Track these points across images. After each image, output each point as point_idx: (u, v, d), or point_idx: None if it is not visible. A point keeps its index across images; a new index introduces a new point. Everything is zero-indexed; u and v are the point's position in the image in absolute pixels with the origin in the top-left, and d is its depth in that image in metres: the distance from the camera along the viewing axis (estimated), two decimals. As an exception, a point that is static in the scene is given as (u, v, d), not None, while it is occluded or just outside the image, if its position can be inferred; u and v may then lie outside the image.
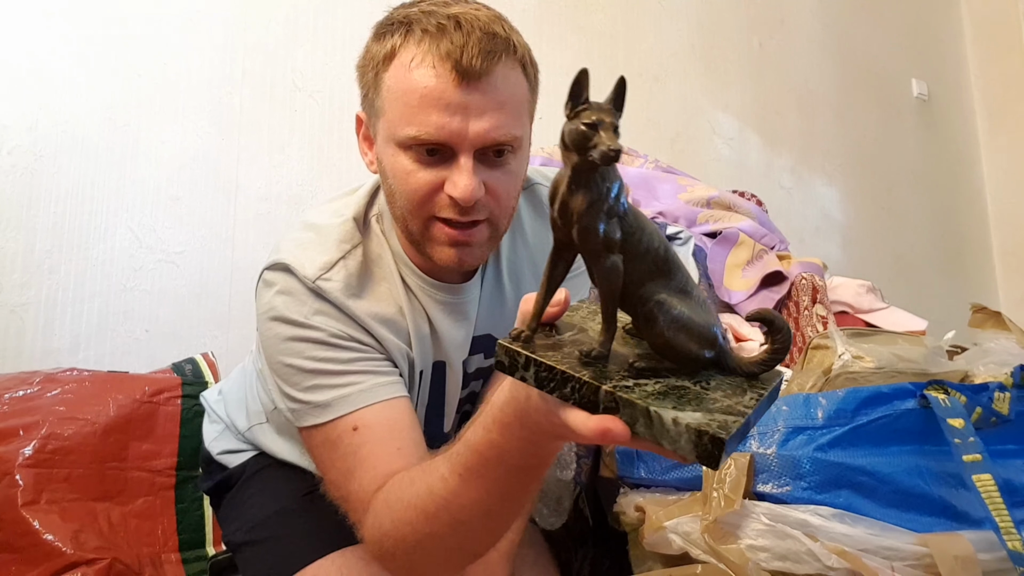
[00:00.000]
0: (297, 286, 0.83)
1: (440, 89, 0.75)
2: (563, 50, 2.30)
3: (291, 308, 0.82)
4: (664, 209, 1.73)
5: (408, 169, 0.79)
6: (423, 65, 0.76)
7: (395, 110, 0.78)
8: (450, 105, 0.76)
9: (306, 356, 0.81)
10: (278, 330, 0.82)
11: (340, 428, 0.80)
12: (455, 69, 0.75)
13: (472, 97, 0.76)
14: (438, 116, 0.76)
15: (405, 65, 0.77)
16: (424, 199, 0.80)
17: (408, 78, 0.77)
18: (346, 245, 0.86)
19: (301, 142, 1.86)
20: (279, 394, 0.85)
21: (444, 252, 0.82)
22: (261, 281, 0.87)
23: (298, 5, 1.91)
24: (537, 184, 0.99)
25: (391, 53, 0.79)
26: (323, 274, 0.83)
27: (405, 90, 0.77)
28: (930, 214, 3.21)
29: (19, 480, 1.19)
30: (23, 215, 1.56)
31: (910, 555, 0.79)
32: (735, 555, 0.85)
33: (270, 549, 0.95)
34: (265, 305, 0.84)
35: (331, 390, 0.81)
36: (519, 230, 0.98)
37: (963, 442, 0.83)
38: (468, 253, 0.83)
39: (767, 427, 0.92)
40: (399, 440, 0.79)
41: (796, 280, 1.54)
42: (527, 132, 0.85)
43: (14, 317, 1.53)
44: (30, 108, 1.59)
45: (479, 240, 0.82)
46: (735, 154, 2.66)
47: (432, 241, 0.82)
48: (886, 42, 3.20)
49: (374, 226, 0.91)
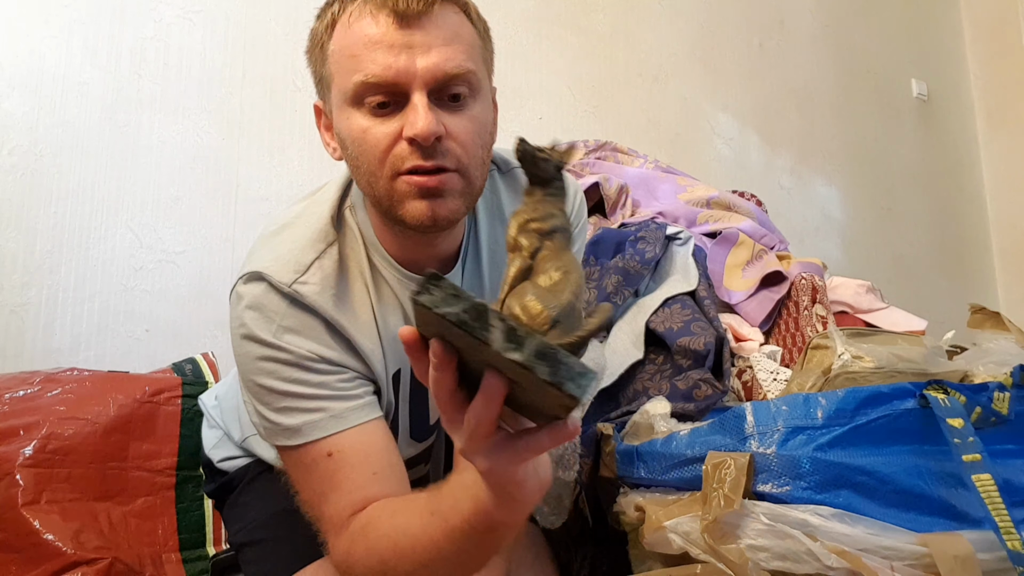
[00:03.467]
0: (270, 297, 0.80)
1: (381, 33, 0.75)
2: (563, 50, 2.30)
3: (260, 326, 0.79)
4: (664, 209, 1.73)
5: (364, 126, 0.77)
6: (361, 18, 0.76)
7: (341, 68, 0.77)
8: (393, 45, 0.74)
9: (277, 376, 0.79)
10: (248, 348, 0.80)
11: (313, 453, 0.79)
12: (394, 11, 0.74)
13: (415, 36, 0.75)
14: (383, 56, 0.74)
15: (345, 25, 0.77)
16: (384, 153, 0.76)
17: (350, 33, 0.77)
18: (320, 244, 0.84)
19: (301, 142, 1.87)
20: (253, 411, 0.83)
21: (415, 207, 0.77)
22: (233, 294, 0.84)
23: (298, 5, 1.91)
24: (517, 168, 0.96)
25: (332, 22, 0.79)
26: (299, 277, 0.81)
27: (348, 44, 0.77)
28: (930, 214, 3.21)
29: (19, 480, 1.19)
30: (23, 215, 1.56)
31: (910, 555, 0.79)
32: (735, 555, 0.85)
33: (271, 549, 0.96)
34: (236, 321, 0.82)
35: (302, 414, 0.79)
36: (498, 216, 0.95)
37: (963, 442, 0.83)
38: (441, 205, 0.77)
39: (767, 427, 0.92)
40: (374, 465, 0.79)
41: (796, 280, 1.54)
42: (484, 77, 0.82)
43: (14, 317, 1.53)
44: (30, 108, 1.59)
45: (450, 188, 0.77)
46: (735, 154, 2.66)
47: (402, 199, 0.77)
48: (886, 42, 3.20)
49: (348, 219, 0.88)
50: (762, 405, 0.95)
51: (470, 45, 0.79)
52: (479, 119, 0.80)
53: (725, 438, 0.95)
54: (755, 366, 1.36)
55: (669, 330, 1.33)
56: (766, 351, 1.44)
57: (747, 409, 0.95)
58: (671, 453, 0.99)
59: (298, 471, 0.82)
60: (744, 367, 1.38)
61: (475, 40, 0.80)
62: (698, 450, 0.96)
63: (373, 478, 0.78)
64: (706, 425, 1.01)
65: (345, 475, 0.78)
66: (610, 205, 1.68)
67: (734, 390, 1.34)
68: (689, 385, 1.24)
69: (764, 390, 1.31)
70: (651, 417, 1.11)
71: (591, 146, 1.92)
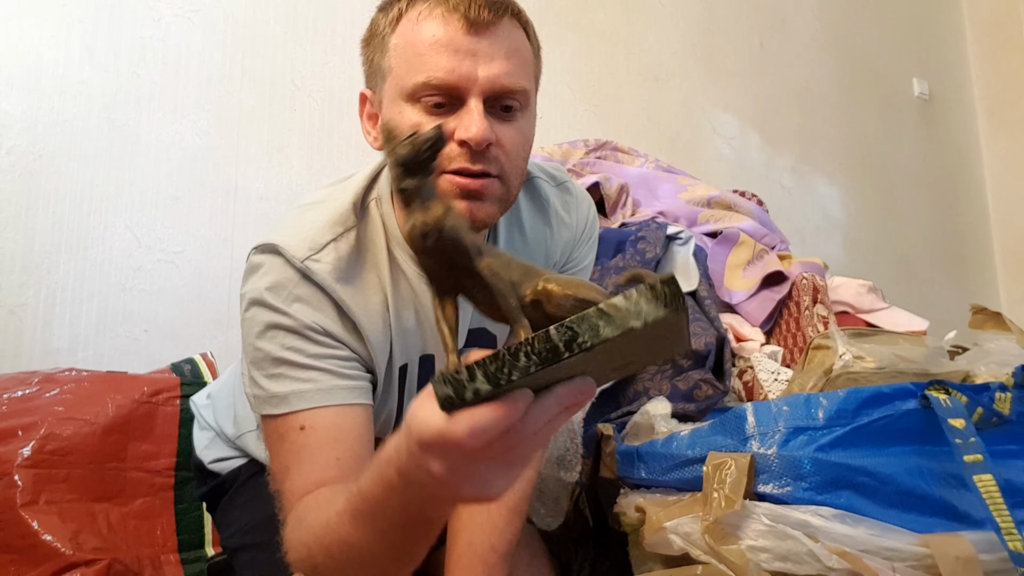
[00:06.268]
0: (283, 269, 0.82)
1: (449, 36, 0.77)
2: (563, 50, 2.30)
3: (272, 293, 0.81)
4: (664, 209, 1.72)
5: (416, 122, 0.78)
6: (431, 17, 0.78)
7: (403, 63, 0.79)
8: (459, 50, 0.77)
9: (277, 342, 0.80)
10: (256, 314, 0.82)
11: (290, 423, 0.79)
12: (464, 17, 0.77)
13: (481, 44, 0.77)
14: (448, 60, 0.76)
15: (412, 20, 0.79)
16: None
17: (416, 30, 0.78)
18: (339, 228, 0.85)
19: (300, 142, 1.86)
20: (248, 379, 0.84)
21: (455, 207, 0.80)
22: (248, 263, 0.85)
23: (298, 5, 1.91)
24: (537, 179, 0.98)
25: (397, 16, 0.81)
26: (312, 255, 0.82)
27: (413, 42, 0.78)
28: (931, 214, 3.21)
29: (18, 481, 1.18)
30: (22, 215, 1.56)
31: (911, 556, 0.79)
32: (736, 556, 0.84)
33: (265, 552, 0.95)
34: (249, 287, 0.83)
35: (291, 382, 0.80)
36: (517, 223, 0.96)
37: (964, 442, 0.83)
38: (479, 208, 0.80)
39: (768, 427, 0.91)
40: (341, 450, 0.78)
41: (797, 280, 1.54)
42: (534, 94, 0.85)
43: (13, 317, 1.53)
44: (28, 107, 1.59)
45: (491, 193, 0.80)
46: (736, 154, 2.66)
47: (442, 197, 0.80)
48: (887, 42, 3.20)
49: (372, 210, 0.89)
50: (763, 406, 0.94)
51: (527, 62, 0.82)
52: (525, 132, 0.83)
53: (726, 439, 0.95)
54: (756, 366, 1.35)
55: (669, 330, 1.32)
56: (767, 351, 1.43)
57: (748, 410, 0.95)
58: (672, 454, 0.99)
59: (272, 441, 0.82)
60: (745, 367, 1.37)
61: (531, 58, 0.84)
62: (699, 451, 0.96)
63: (335, 463, 0.77)
64: (707, 426, 1.00)
65: (310, 453, 0.78)
66: (610, 205, 1.68)
67: (735, 390, 1.34)
68: (690, 385, 1.23)
69: (765, 390, 1.30)
70: (652, 418, 1.11)
71: (591, 146, 1.91)
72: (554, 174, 1.02)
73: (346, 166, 1.87)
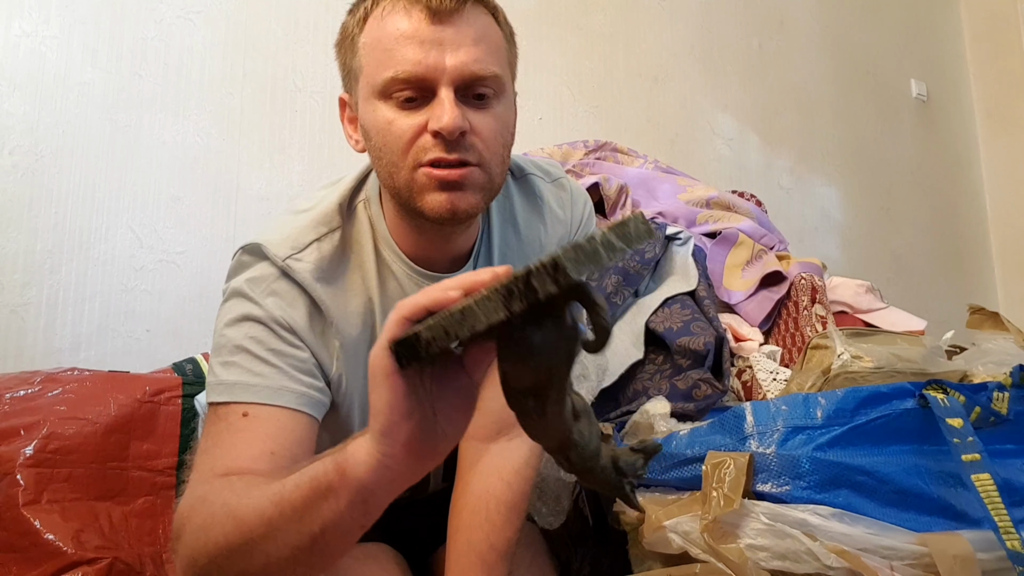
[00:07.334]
0: (265, 266, 0.82)
1: (413, 28, 0.77)
2: (563, 50, 2.30)
3: (251, 285, 0.82)
4: (664, 209, 1.73)
5: (389, 118, 0.79)
6: (394, 12, 0.78)
7: (372, 61, 0.79)
8: (424, 41, 0.76)
9: (242, 332, 0.80)
10: (232, 304, 0.82)
11: (232, 412, 0.77)
12: (427, 8, 0.76)
13: (446, 32, 0.77)
14: (413, 52, 0.76)
15: (378, 18, 0.79)
16: (408, 144, 0.78)
17: (382, 27, 0.79)
18: (323, 228, 0.85)
19: (302, 142, 1.87)
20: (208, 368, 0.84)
21: (435, 199, 0.78)
22: (234, 261, 0.86)
23: (298, 5, 1.91)
24: (531, 175, 0.99)
25: (364, 16, 0.81)
26: (294, 254, 0.82)
27: (380, 38, 0.79)
28: (929, 214, 3.21)
29: (20, 480, 1.19)
30: (24, 215, 1.56)
31: (909, 554, 0.79)
32: (734, 554, 0.85)
33: None
34: (232, 283, 0.84)
35: (242, 372, 0.78)
36: (511, 220, 0.96)
37: (962, 442, 0.84)
38: (460, 198, 0.79)
39: (766, 426, 0.92)
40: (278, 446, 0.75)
41: (795, 280, 1.54)
42: (508, 79, 0.84)
43: (15, 317, 1.54)
44: (30, 108, 1.59)
45: (471, 182, 0.79)
46: (735, 154, 2.66)
47: (422, 191, 0.79)
48: (885, 43, 3.20)
49: (360, 211, 0.89)
50: (762, 405, 0.95)
51: (497, 47, 0.81)
52: (502, 118, 0.82)
53: (725, 438, 0.95)
54: (755, 366, 1.36)
55: (669, 330, 1.33)
56: (766, 351, 1.44)
57: (747, 409, 0.95)
58: (671, 453, 1.00)
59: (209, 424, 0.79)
60: (744, 367, 1.38)
61: (501, 43, 0.83)
62: (698, 450, 0.96)
63: (269, 456, 0.74)
64: (706, 425, 1.01)
65: (244, 437, 0.75)
66: (610, 205, 1.68)
67: (734, 390, 1.35)
68: (689, 385, 1.24)
69: (764, 390, 1.31)
70: (651, 417, 1.11)
71: (591, 146, 1.92)
72: (549, 170, 1.03)
73: (347, 166, 1.87)
